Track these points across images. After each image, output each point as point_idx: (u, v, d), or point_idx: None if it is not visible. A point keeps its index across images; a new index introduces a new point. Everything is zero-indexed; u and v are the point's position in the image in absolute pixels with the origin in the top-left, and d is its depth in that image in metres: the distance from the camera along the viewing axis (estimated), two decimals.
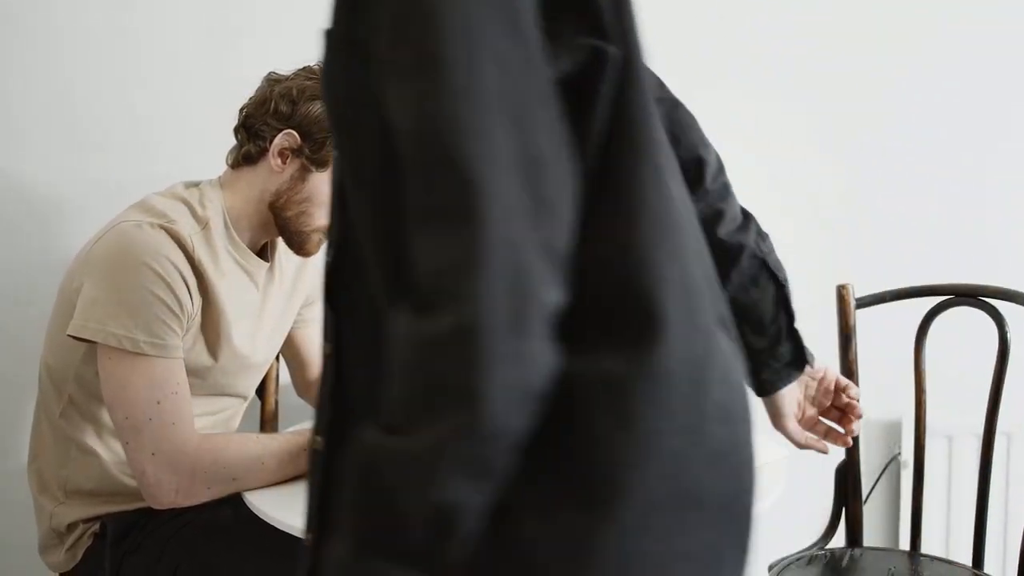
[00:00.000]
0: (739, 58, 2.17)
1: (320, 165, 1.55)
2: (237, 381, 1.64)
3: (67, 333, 1.45)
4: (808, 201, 2.23)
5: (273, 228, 1.61)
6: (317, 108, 1.53)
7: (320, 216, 1.57)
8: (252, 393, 1.74)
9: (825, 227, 2.24)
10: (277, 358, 1.87)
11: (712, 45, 2.16)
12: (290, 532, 1.32)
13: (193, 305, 1.50)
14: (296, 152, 1.55)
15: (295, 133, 1.54)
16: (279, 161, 1.55)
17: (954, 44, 2.21)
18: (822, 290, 2.03)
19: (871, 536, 2.28)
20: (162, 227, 1.47)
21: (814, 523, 2.12)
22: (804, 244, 2.24)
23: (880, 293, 1.95)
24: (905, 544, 2.18)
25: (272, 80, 1.59)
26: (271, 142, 1.55)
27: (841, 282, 1.94)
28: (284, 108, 1.55)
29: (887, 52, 2.20)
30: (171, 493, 1.43)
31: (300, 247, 1.62)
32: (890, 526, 2.30)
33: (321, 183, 1.55)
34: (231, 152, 1.63)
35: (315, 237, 1.60)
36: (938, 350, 1.94)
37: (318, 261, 1.80)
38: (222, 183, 1.62)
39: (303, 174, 1.56)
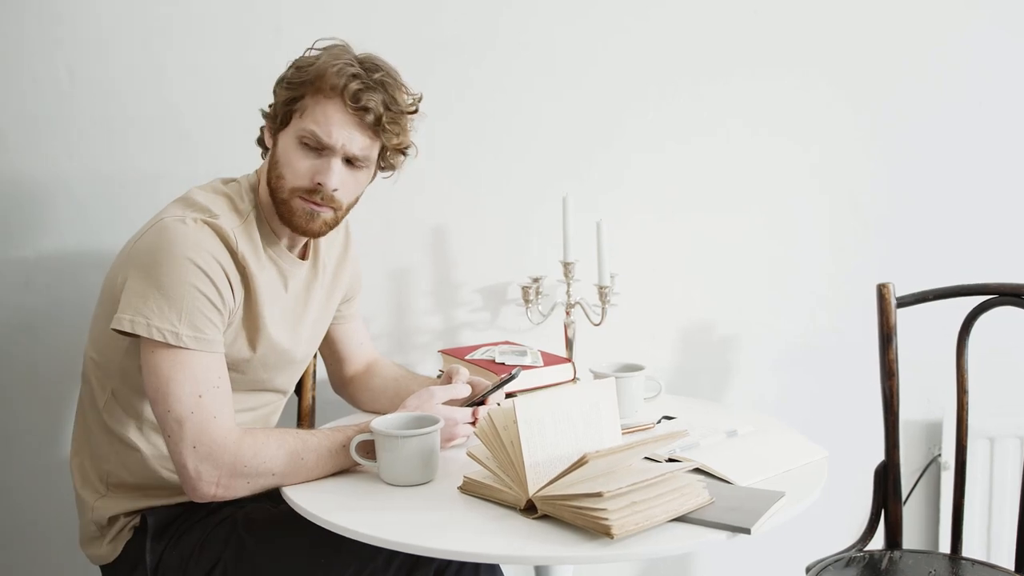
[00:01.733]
0: (782, 55, 2.16)
1: (277, 121, 1.56)
2: (277, 376, 1.65)
3: (111, 327, 1.46)
4: (850, 200, 2.21)
5: None
6: (287, 72, 1.57)
7: (290, 177, 1.54)
8: (292, 389, 1.75)
9: (866, 225, 2.22)
10: (316, 354, 1.88)
11: (754, 40, 2.15)
12: (329, 528, 1.32)
13: (235, 299, 1.51)
14: (271, 119, 1.59)
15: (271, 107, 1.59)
16: (268, 136, 1.61)
17: (998, 43, 2.18)
18: (863, 289, 2.02)
19: (911, 538, 2.26)
20: (205, 222, 1.48)
21: (853, 524, 2.10)
22: (845, 242, 2.23)
23: (922, 292, 1.92)
24: (945, 547, 2.16)
25: None
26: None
27: (882, 281, 1.92)
28: (275, 89, 1.61)
29: (931, 50, 2.18)
30: (211, 487, 1.43)
31: (290, 221, 1.56)
32: (930, 528, 2.28)
33: (284, 140, 1.55)
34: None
35: (295, 205, 1.54)
36: (980, 350, 1.91)
37: (356, 256, 1.81)
38: (257, 176, 1.63)
39: (274, 139, 1.58)
